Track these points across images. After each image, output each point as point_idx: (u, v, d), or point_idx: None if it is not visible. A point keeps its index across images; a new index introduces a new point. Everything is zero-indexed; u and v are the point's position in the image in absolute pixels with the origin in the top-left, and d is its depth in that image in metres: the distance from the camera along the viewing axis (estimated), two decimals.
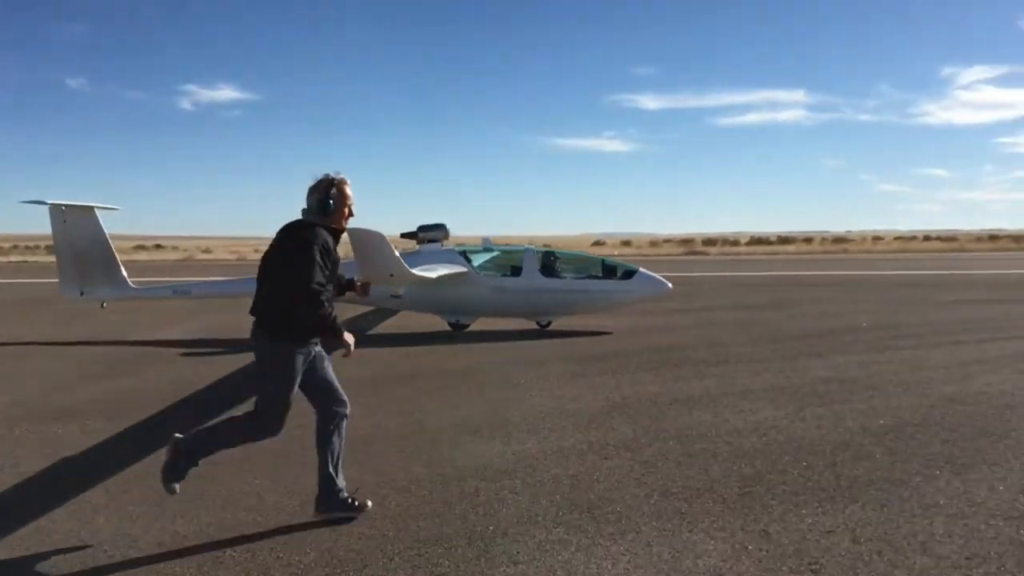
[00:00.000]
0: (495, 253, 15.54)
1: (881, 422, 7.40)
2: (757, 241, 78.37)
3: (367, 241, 5.56)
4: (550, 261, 14.59)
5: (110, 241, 13.54)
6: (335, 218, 5.03)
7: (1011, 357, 10.90)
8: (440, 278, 12.87)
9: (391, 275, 5.67)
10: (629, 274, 14.59)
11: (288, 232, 4.96)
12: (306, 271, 4.70)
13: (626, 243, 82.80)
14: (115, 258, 13.61)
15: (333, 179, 5.02)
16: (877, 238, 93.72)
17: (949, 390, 8.73)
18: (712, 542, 4.70)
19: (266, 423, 4.96)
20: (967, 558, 4.40)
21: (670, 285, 14.68)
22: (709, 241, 78.46)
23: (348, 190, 5.05)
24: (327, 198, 4.96)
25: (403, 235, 15.02)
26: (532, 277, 14.17)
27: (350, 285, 5.52)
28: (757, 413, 7.84)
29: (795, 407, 8.03)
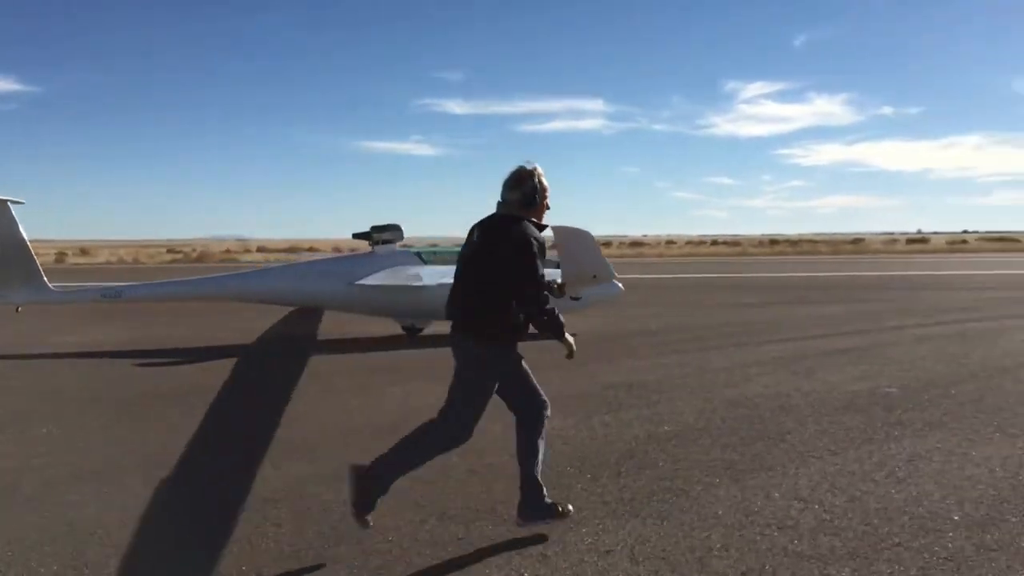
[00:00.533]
0: (450, 254, 14.93)
1: (666, 428, 7.38)
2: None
3: (576, 239, 4.91)
4: None
5: (26, 239, 12.08)
6: (538, 211, 4.76)
7: (787, 359, 11.36)
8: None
9: (594, 276, 5.14)
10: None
11: (499, 229, 4.64)
12: (532, 270, 4.50)
13: (434, 245, 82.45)
14: (32, 257, 12.17)
15: (534, 170, 4.72)
16: (670, 242, 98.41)
17: (730, 393, 8.91)
18: (487, 570, 4.37)
19: (458, 431, 4.73)
20: (743, 573, 4.29)
21: (622, 287, 14.48)
22: None
23: (546, 181, 4.73)
24: (532, 190, 4.67)
25: (355, 235, 14.51)
26: None
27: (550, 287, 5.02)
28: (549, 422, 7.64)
29: (583, 415, 7.91)
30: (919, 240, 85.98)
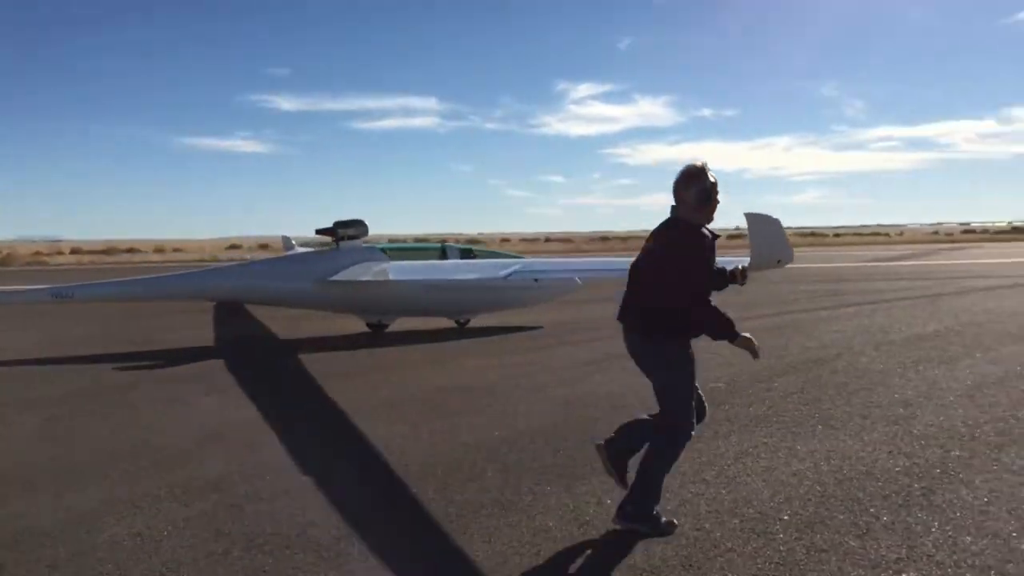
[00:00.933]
0: (416, 251, 15.13)
1: (497, 434, 7.09)
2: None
3: (768, 225, 4.99)
4: (471, 258, 14.40)
5: None
6: (710, 211, 4.75)
7: (622, 356, 11.32)
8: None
9: (778, 261, 4.70)
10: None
11: (667, 232, 4.75)
12: (698, 277, 4.59)
13: (263, 246, 79.72)
14: None
15: (704, 167, 4.71)
16: (505, 239, 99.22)
17: (565, 393, 8.74)
18: None
19: (683, 426, 4.78)
20: None
21: (579, 280, 14.90)
22: None
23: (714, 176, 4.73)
24: (705, 191, 4.67)
25: (318, 231, 14.16)
26: (458, 275, 13.44)
27: (731, 276, 5.02)
28: (375, 432, 7.21)
29: (412, 423, 7.51)
30: (739, 236, 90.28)
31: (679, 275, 4.59)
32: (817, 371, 9.74)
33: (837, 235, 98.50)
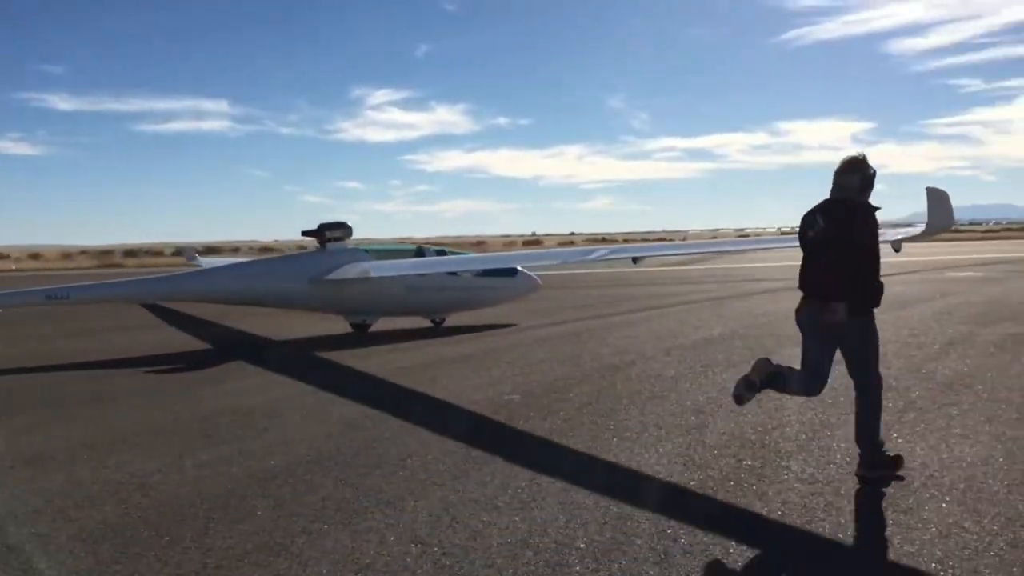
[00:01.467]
0: (392, 252, 15.77)
1: (272, 463, 6.38)
2: (180, 252, 75.08)
3: (945, 200, 6.13)
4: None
5: None
6: (868, 194, 5.39)
7: (413, 368, 10.84)
8: None
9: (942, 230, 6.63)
10: (512, 272, 15.49)
11: (847, 214, 5.25)
12: (877, 250, 5.29)
13: (34, 256, 73.37)
14: None
15: (864, 156, 5.38)
16: (302, 247, 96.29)
17: (349, 413, 8.11)
18: None
19: (879, 379, 5.55)
20: None
21: (540, 282, 16.27)
22: (130, 252, 73.22)
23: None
24: (868, 178, 5.35)
25: (304, 233, 14.76)
26: (438, 275, 14.35)
27: None
28: (124, 467, 6.31)
29: (173, 455, 6.65)
30: (534, 242, 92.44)
31: (872, 253, 5.28)
32: (612, 379, 9.61)
33: (626, 240, 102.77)
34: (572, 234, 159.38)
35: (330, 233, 14.43)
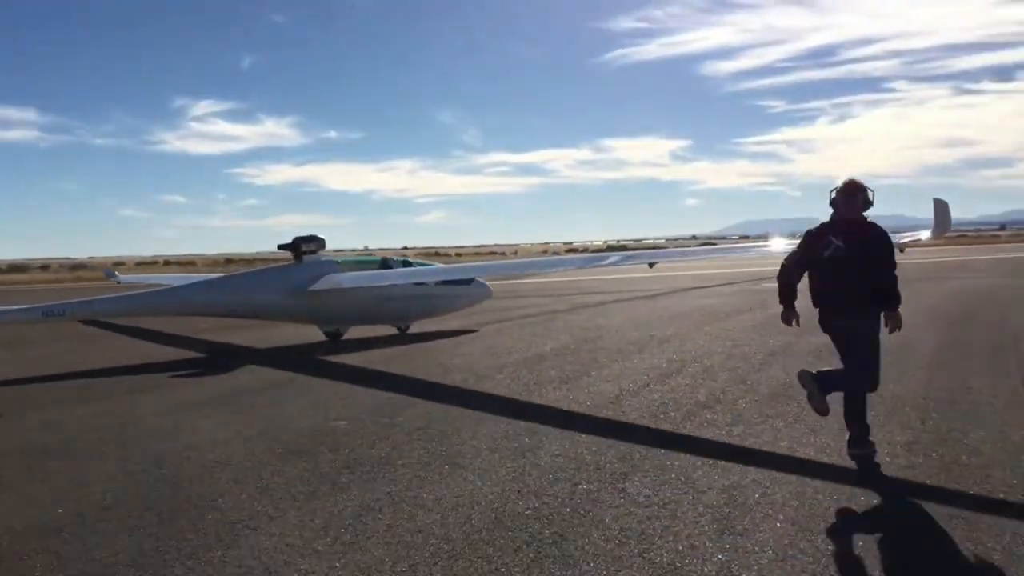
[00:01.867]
0: (358, 263, 16.30)
1: (60, 511, 5.64)
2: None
3: (947, 209, 7.75)
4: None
5: None
6: (867, 211, 6.20)
7: (231, 395, 10.12)
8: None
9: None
10: (470, 282, 16.47)
11: (864, 232, 6.07)
12: (894, 261, 6.11)
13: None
14: None
15: (860, 180, 6.14)
16: (119, 263, 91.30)
17: (158, 449, 7.34)
18: None
19: (876, 377, 6.24)
20: None
21: (491, 290, 17.52)
22: None
23: None
24: (869, 200, 6.11)
25: (280, 247, 15.11)
26: (406, 284, 14.93)
27: None
28: None
29: None
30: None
31: (889, 263, 6.06)
32: (443, 400, 9.25)
33: (459, 254, 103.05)
34: (405, 248, 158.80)
35: (305, 246, 14.90)
